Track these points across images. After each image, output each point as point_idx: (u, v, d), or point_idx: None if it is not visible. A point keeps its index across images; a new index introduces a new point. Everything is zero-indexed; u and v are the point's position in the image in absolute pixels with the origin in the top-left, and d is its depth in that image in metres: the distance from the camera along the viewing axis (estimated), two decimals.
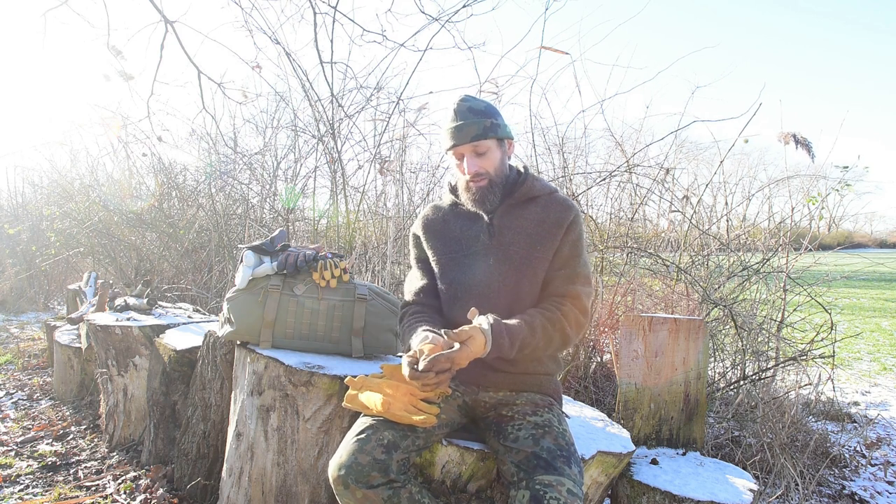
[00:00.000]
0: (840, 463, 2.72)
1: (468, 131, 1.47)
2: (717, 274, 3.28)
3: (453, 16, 3.15)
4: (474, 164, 1.48)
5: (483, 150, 1.48)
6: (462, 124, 1.47)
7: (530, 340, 1.40)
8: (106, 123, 3.95)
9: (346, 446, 1.30)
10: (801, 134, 2.70)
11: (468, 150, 1.48)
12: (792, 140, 2.72)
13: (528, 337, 1.40)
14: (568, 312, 1.45)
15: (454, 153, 1.51)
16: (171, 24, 2.85)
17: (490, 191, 1.51)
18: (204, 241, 4.76)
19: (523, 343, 1.39)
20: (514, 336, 1.38)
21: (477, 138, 1.47)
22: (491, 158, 1.50)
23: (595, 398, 2.95)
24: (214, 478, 2.05)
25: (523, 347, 1.40)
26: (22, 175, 7.35)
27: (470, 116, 1.48)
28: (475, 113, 1.48)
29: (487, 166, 1.49)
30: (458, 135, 1.47)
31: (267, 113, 5.16)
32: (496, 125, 1.49)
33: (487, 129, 1.48)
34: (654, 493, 1.67)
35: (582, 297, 1.48)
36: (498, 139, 1.51)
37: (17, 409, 3.15)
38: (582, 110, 3.39)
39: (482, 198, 1.51)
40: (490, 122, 1.48)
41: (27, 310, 6.56)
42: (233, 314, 1.88)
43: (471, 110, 1.49)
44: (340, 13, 3.12)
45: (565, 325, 1.44)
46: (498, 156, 1.52)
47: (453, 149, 1.50)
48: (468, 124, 1.47)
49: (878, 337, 6.14)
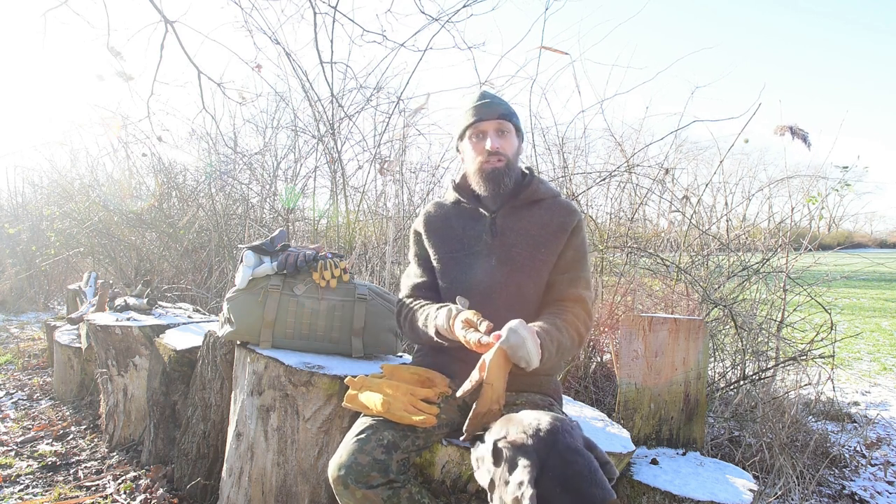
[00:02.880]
0: (840, 463, 2.72)
1: (496, 108, 1.48)
2: (717, 274, 3.28)
3: (453, 16, 3.15)
4: (497, 142, 1.47)
5: (506, 130, 1.49)
6: (489, 101, 1.49)
7: (563, 341, 1.35)
8: (106, 123, 3.95)
9: (346, 446, 1.30)
10: (798, 126, 2.68)
11: (493, 127, 1.48)
12: (788, 132, 2.69)
13: (560, 338, 1.35)
14: (578, 314, 1.44)
15: (475, 130, 1.49)
16: (171, 24, 2.85)
17: (505, 174, 1.48)
18: (204, 241, 4.76)
19: (560, 345, 1.34)
20: (552, 338, 1.32)
21: (504, 117, 1.48)
22: (511, 143, 1.50)
23: (595, 398, 2.95)
24: (214, 478, 2.05)
25: (561, 350, 1.34)
26: (22, 175, 7.35)
27: (496, 98, 1.51)
28: (500, 99, 1.53)
29: (507, 149, 1.49)
30: (486, 110, 1.48)
31: (267, 113, 5.16)
32: (517, 115, 1.53)
33: (511, 114, 1.50)
34: (654, 493, 1.67)
35: (587, 301, 1.47)
36: (517, 129, 1.53)
37: (17, 409, 3.15)
38: (582, 110, 3.40)
39: (496, 178, 1.47)
40: (513, 109, 1.52)
41: (27, 310, 6.56)
42: (233, 314, 1.88)
43: (496, 96, 1.53)
44: (340, 13, 3.12)
45: (579, 326, 1.42)
46: (516, 144, 1.53)
47: (477, 124, 1.48)
48: (495, 102, 1.49)
49: (878, 337, 6.14)
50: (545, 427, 0.94)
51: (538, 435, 0.93)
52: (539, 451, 0.91)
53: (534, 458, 0.90)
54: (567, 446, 0.92)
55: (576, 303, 1.45)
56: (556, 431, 0.93)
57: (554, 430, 0.93)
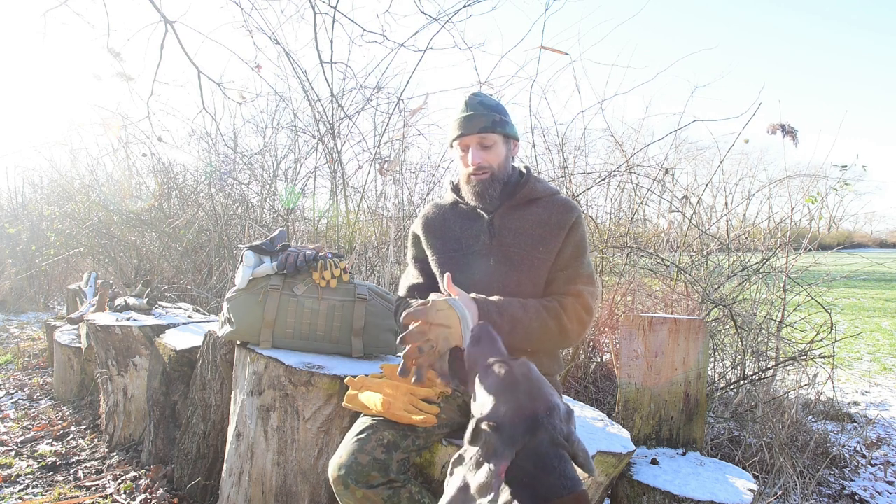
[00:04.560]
0: (840, 463, 2.72)
1: (477, 122, 1.47)
2: (716, 274, 3.28)
3: (453, 16, 3.15)
4: (479, 157, 1.48)
5: (489, 144, 1.49)
6: (472, 115, 1.48)
7: (522, 316, 1.36)
8: (106, 123, 3.95)
9: (346, 446, 1.30)
10: (790, 124, 2.74)
11: (475, 142, 1.48)
12: (779, 130, 2.76)
13: (518, 312, 1.36)
14: (568, 306, 1.42)
15: (460, 144, 1.51)
16: (171, 24, 2.85)
17: (491, 185, 1.50)
18: (204, 241, 4.76)
19: (514, 318, 1.35)
20: (503, 307, 1.35)
21: (485, 130, 1.47)
22: (496, 153, 1.50)
23: (595, 398, 2.95)
24: (214, 478, 2.05)
25: (514, 323, 1.35)
26: (22, 175, 7.36)
27: (480, 109, 1.49)
28: (486, 107, 1.50)
29: (492, 160, 1.49)
30: (467, 125, 1.48)
31: (267, 113, 5.16)
32: (504, 122, 1.50)
33: (496, 124, 1.48)
34: (654, 493, 1.67)
35: (584, 295, 1.46)
36: (505, 136, 1.51)
37: (17, 409, 3.15)
38: (582, 110, 3.40)
39: (483, 191, 1.50)
40: (499, 117, 1.49)
41: (27, 310, 6.56)
42: (233, 314, 1.88)
43: (482, 104, 1.50)
44: (340, 13, 3.12)
45: (563, 317, 1.41)
46: (503, 152, 1.52)
47: (460, 139, 1.49)
48: (478, 116, 1.48)
49: (878, 337, 6.14)
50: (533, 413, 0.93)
51: (524, 423, 0.93)
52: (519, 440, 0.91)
53: (512, 447, 0.91)
54: (544, 440, 0.93)
55: (571, 297, 1.45)
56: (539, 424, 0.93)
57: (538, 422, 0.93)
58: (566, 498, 0.89)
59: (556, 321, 1.40)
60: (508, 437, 0.91)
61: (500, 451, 0.90)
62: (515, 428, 0.92)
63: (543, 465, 0.90)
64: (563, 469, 0.91)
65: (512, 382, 0.99)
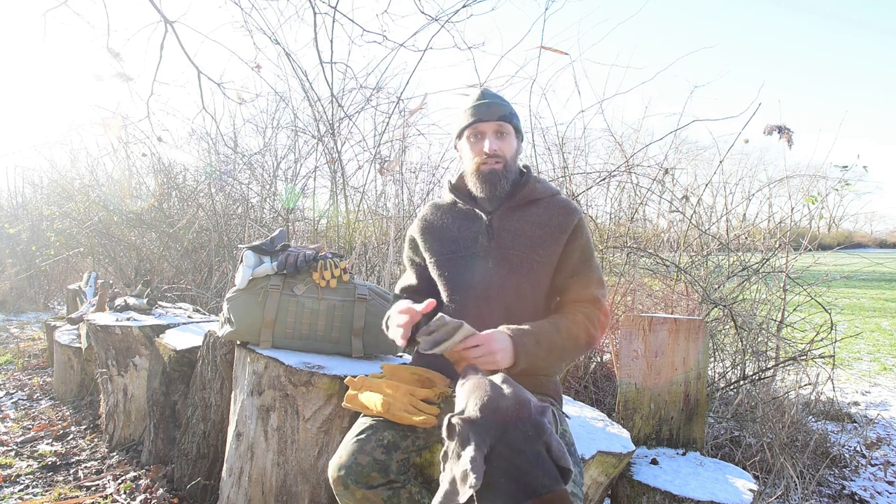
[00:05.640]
0: (840, 463, 2.72)
1: (495, 110, 1.46)
2: (716, 274, 3.28)
3: (453, 16, 3.14)
4: (496, 143, 1.46)
5: (506, 133, 1.48)
6: (489, 102, 1.47)
7: (557, 339, 1.34)
8: (106, 123, 3.94)
9: (346, 446, 1.29)
10: (786, 125, 2.75)
11: (492, 129, 1.46)
12: (776, 131, 2.77)
13: (554, 335, 1.33)
14: (591, 315, 1.41)
15: (475, 130, 1.48)
16: (171, 24, 2.85)
17: (503, 175, 1.47)
18: (204, 241, 4.76)
19: (551, 343, 1.32)
20: (540, 335, 1.31)
21: (504, 119, 1.46)
22: (510, 144, 1.49)
23: (595, 398, 2.95)
24: (214, 478, 2.05)
25: (552, 349, 1.32)
26: (22, 175, 7.36)
27: (497, 99, 1.49)
28: (501, 98, 1.51)
29: (506, 151, 1.47)
30: (485, 111, 1.46)
31: (267, 113, 5.16)
32: (517, 116, 1.51)
33: (512, 115, 1.49)
34: (654, 493, 1.67)
35: (601, 300, 1.45)
36: (516, 130, 1.52)
37: (17, 409, 3.15)
38: (581, 110, 3.41)
39: (493, 179, 1.46)
40: (513, 110, 1.50)
41: (27, 310, 6.56)
42: (233, 314, 1.88)
43: (497, 95, 1.51)
44: (340, 13, 3.11)
45: (590, 327, 1.39)
46: (515, 145, 1.51)
47: (475, 125, 1.46)
48: (495, 104, 1.47)
49: (878, 337, 6.14)
50: (502, 408, 0.97)
51: (493, 415, 0.96)
52: (490, 432, 0.94)
53: (484, 437, 0.93)
54: (517, 436, 0.94)
55: (590, 303, 1.43)
56: (509, 418, 0.96)
57: (507, 416, 0.97)
58: (544, 497, 0.89)
59: (585, 333, 1.39)
60: (480, 426, 0.95)
61: (471, 438, 0.93)
62: (486, 419, 0.96)
63: (518, 464, 0.92)
64: (542, 467, 0.92)
65: (483, 384, 1.04)
